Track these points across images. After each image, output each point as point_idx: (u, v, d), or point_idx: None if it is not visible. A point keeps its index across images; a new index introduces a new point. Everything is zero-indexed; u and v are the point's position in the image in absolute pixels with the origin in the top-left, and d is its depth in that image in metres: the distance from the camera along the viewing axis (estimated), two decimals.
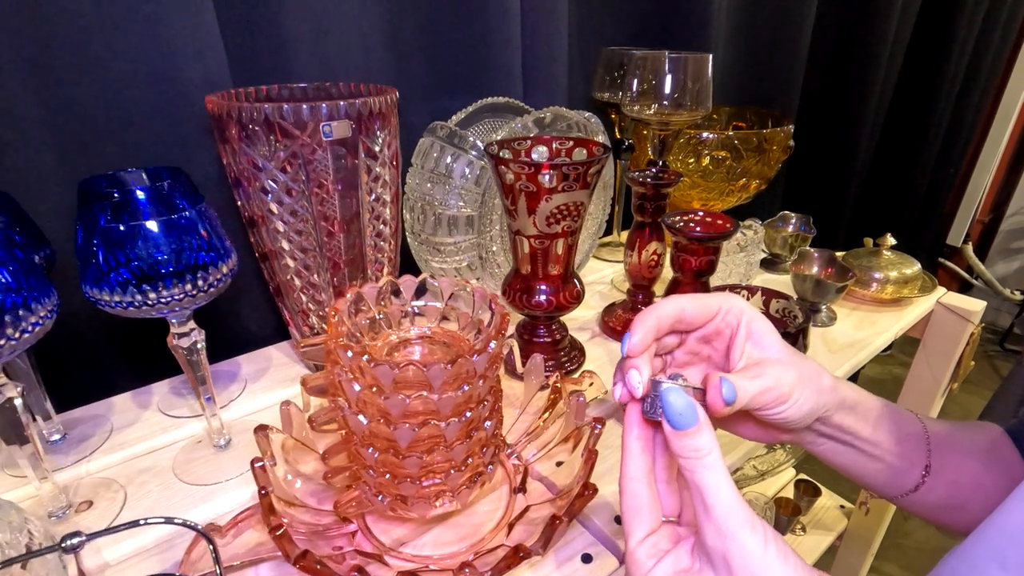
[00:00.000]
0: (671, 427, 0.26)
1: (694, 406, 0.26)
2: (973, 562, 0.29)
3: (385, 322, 0.43)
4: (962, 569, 0.30)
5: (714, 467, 0.25)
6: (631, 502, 0.28)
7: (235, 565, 0.37)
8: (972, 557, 0.30)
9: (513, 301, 0.56)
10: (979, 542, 0.30)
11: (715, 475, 0.24)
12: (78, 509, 0.43)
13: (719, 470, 0.25)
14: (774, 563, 0.23)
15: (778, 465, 1.04)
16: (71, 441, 0.50)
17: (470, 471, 0.38)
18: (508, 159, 0.47)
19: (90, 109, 0.50)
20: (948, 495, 0.38)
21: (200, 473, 0.47)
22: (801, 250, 0.72)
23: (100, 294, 0.37)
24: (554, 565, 0.39)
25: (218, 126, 0.46)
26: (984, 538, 0.29)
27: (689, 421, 0.25)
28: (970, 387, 1.98)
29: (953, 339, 0.74)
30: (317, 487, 0.43)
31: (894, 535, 1.45)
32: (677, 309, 0.32)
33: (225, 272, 0.41)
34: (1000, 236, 2.24)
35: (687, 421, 0.25)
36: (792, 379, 0.31)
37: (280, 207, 0.47)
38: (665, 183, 0.59)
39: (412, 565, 0.38)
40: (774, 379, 0.30)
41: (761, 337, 0.32)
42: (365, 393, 0.34)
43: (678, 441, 0.25)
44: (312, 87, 0.55)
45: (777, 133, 0.76)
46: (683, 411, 0.25)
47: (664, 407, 0.26)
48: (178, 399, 0.56)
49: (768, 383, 0.30)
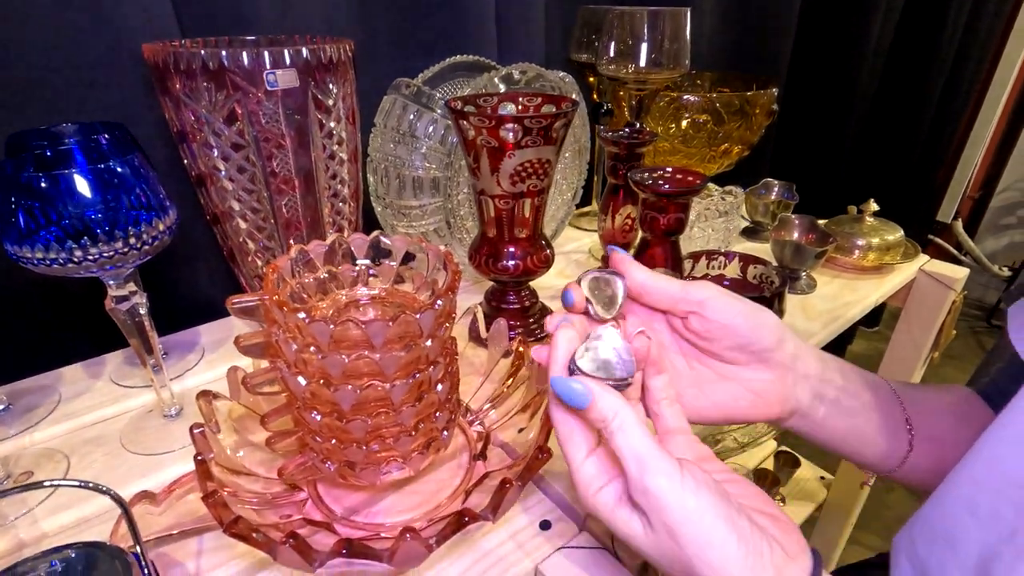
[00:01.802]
0: (576, 408, 0.27)
1: (582, 389, 0.27)
2: (945, 511, 0.29)
3: (336, 283, 0.40)
4: (935, 517, 0.29)
5: (621, 429, 0.26)
6: (562, 428, 0.29)
7: (174, 534, 0.35)
8: (944, 506, 0.29)
9: (480, 266, 0.54)
10: (950, 491, 0.29)
11: (623, 437, 0.25)
12: (16, 480, 0.41)
13: (626, 429, 0.25)
14: (692, 512, 0.24)
15: (759, 437, 1.03)
16: (15, 411, 0.48)
17: (422, 436, 0.37)
18: (468, 112, 0.45)
19: (23, 60, 0.47)
20: (935, 457, 0.38)
21: (148, 443, 0.45)
22: (782, 216, 0.70)
23: (22, 251, 0.35)
24: (511, 531, 0.38)
25: (158, 76, 0.43)
26: (955, 486, 0.29)
27: (582, 401, 0.27)
28: (956, 362, 1.99)
29: (935, 307, 0.73)
30: (268, 457, 0.41)
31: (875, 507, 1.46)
32: (637, 284, 0.33)
33: (162, 229, 0.39)
34: (990, 212, 2.23)
35: (580, 402, 0.27)
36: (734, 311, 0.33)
37: (226, 163, 0.45)
38: (639, 143, 0.57)
39: (362, 533, 0.36)
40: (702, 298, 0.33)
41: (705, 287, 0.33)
42: (303, 353, 0.32)
43: (587, 417, 0.27)
44: (264, 40, 0.52)
45: (760, 96, 0.74)
46: (573, 396, 0.27)
47: (561, 396, 0.27)
48: (132, 369, 0.54)
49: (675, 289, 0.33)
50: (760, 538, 0.24)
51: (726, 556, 0.23)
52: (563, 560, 0.36)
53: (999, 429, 0.27)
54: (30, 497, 0.40)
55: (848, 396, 0.36)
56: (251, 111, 0.43)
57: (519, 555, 0.36)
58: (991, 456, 0.27)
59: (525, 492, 0.41)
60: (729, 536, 0.23)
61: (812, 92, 1.26)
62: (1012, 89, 1.98)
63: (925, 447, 0.38)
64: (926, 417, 0.38)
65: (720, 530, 0.23)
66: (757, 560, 0.24)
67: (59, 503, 0.40)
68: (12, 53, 0.46)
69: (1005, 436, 0.27)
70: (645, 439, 0.25)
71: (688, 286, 0.33)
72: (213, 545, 0.37)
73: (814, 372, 0.35)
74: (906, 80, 1.44)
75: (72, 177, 0.35)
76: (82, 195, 0.36)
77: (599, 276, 0.32)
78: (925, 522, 0.30)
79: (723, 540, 0.23)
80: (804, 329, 0.61)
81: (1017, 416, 0.27)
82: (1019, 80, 1.98)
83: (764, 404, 0.34)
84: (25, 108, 0.48)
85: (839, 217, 0.75)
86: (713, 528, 0.23)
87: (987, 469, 0.27)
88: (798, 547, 0.25)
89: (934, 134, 1.63)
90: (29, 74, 0.47)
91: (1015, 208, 2.19)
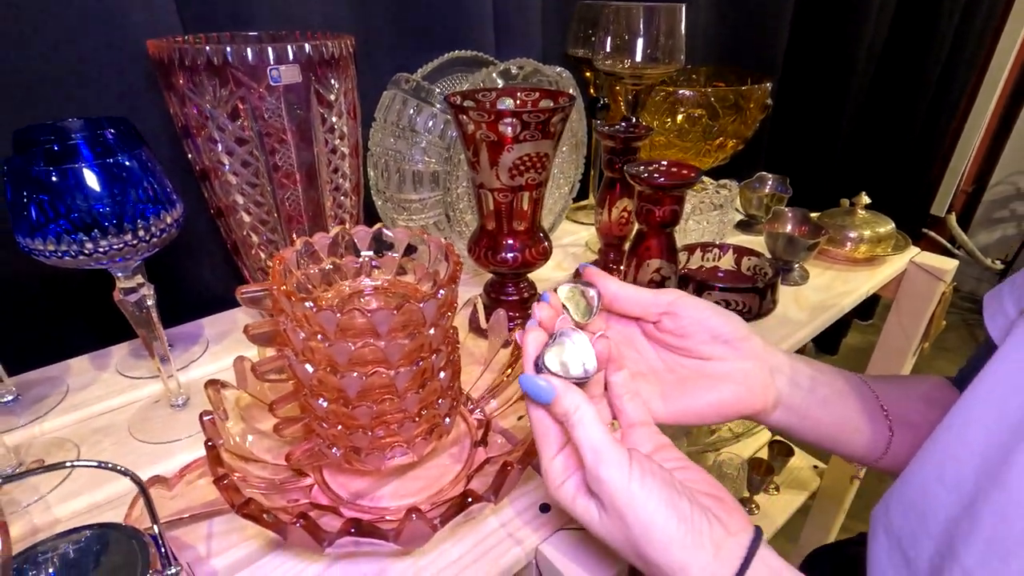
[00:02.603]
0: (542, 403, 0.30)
1: (547, 386, 0.29)
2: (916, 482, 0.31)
3: (339, 274, 0.41)
4: (908, 489, 0.31)
5: (580, 423, 0.28)
6: (539, 427, 0.31)
7: (184, 518, 0.37)
8: (916, 478, 0.31)
9: (479, 259, 0.55)
10: (923, 464, 0.31)
11: (582, 430, 0.28)
12: (29, 468, 0.42)
13: (584, 423, 0.28)
14: (637, 496, 0.26)
15: (754, 427, 1.05)
16: (24, 402, 0.49)
17: (425, 422, 0.38)
18: (468, 107, 0.45)
19: (28, 56, 0.47)
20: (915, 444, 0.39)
21: (156, 432, 0.46)
22: (775, 209, 0.72)
23: (34, 243, 0.36)
24: (513, 514, 0.39)
25: (162, 72, 0.44)
26: (928, 458, 0.30)
27: (547, 397, 0.29)
28: (949, 354, 2.02)
29: (925, 298, 0.74)
30: (275, 444, 0.42)
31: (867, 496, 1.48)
32: (611, 294, 0.35)
33: (169, 222, 0.40)
34: (983, 206, 2.25)
35: (545, 397, 0.29)
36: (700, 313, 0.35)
37: (231, 158, 0.46)
38: (635, 136, 0.58)
39: (368, 516, 0.38)
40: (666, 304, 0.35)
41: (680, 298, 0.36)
42: (310, 341, 0.33)
43: (552, 412, 0.30)
44: (266, 35, 0.53)
45: (755, 90, 0.75)
46: (539, 392, 0.29)
47: (527, 392, 0.30)
48: (138, 361, 0.55)
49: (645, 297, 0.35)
50: (700, 517, 0.27)
51: (667, 535, 0.26)
52: (562, 541, 0.37)
53: (969, 400, 0.29)
54: (42, 484, 0.41)
55: (821, 384, 0.39)
56: (254, 106, 0.44)
57: (520, 535, 0.37)
58: (958, 427, 0.29)
59: (525, 477, 0.42)
60: (670, 518, 0.26)
61: (806, 87, 1.27)
62: (1005, 84, 1.99)
63: (904, 433, 0.39)
64: (898, 403, 0.40)
65: (662, 512, 0.26)
66: (696, 537, 0.26)
67: (71, 489, 0.41)
68: (15, 50, 0.47)
69: (973, 406, 0.28)
70: (601, 433, 0.28)
71: (657, 293, 0.36)
72: (223, 528, 0.38)
73: (784, 363, 0.38)
74: (900, 75, 1.45)
75: (81, 171, 0.36)
76: (91, 188, 0.37)
77: (575, 287, 0.34)
78: (900, 495, 0.31)
79: (664, 521, 0.26)
80: (797, 319, 0.62)
81: (985, 387, 0.28)
82: (1012, 75, 1.99)
83: (750, 394, 0.36)
84: (29, 103, 0.49)
85: (831, 210, 0.76)
86: (656, 511, 0.26)
87: (955, 440, 0.28)
88: (739, 525, 0.28)
89: (928, 129, 1.65)
90: (32, 70, 0.48)
91: (1008, 202, 2.21)
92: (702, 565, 0.26)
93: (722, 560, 0.26)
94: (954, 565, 0.26)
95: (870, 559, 0.32)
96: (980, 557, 0.25)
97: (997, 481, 0.25)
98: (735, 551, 0.27)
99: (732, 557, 0.26)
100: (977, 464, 0.27)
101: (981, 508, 0.26)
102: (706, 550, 0.26)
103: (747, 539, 0.27)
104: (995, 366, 0.28)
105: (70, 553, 0.30)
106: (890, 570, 0.31)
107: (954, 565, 0.26)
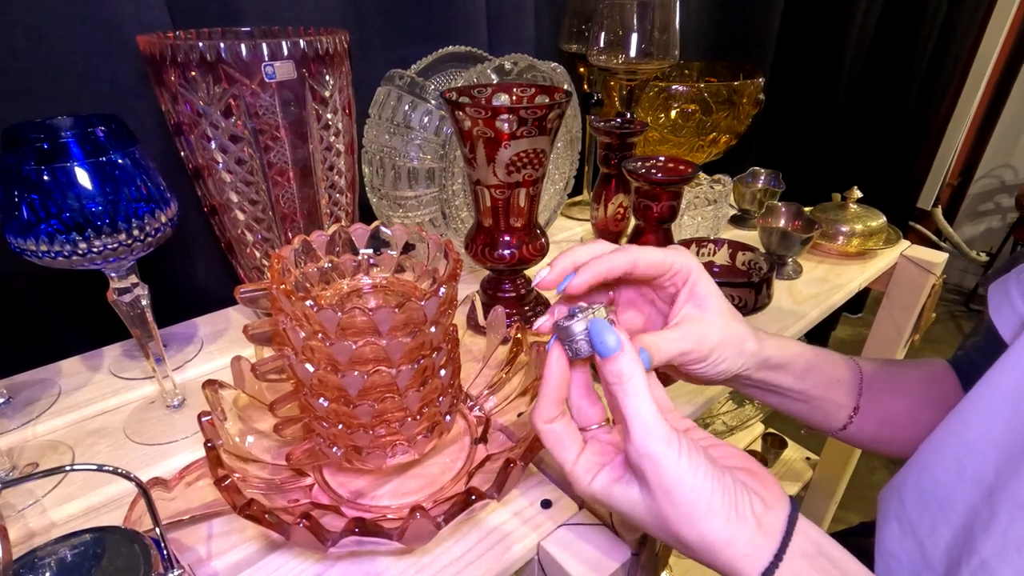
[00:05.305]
0: (598, 354, 0.28)
1: (618, 334, 0.27)
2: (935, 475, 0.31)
3: (337, 273, 0.41)
4: (925, 481, 0.31)
5: (634, 392, 0.27)
6: (550, 440, 0.30)
7: (184, 520, 0.36)
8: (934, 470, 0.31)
9: (476, 255, 0.55)
10: (941, 455, 0.31)
11: (634, 399, 0.27)
12: (23, 472, 0.42)
13: (638, 394, 0.27)
14: (685, 473, 0.26)
15: (747, 420, 1.06)
16: (16, 404, 0.48)
17: (426, 420, 0.38)
18: (464, 104, 0.45)
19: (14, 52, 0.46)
20: (877, 432, 0.41)
21: (152, 433, 0.45)
22: (769, 204, 0.72)
23: (25, 244, 0.35)
24: (514, 511, 0.39)
25: (154, 69, 0.43)
26: (947, 449, 0.31)
27: (610, 350, 0.27)
28: (936, 345, 2.05)
29: (916, 291, 0.75)
30: (273, 444, 0.42)
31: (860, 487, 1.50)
32: (630, 262, 0.32)
33: (164, 221, 0.39)
34: (968, 199, 2.28)
35: (608, 349, 0.27)
36: (715, 341, 0.33)
37: (225, 155, 0.45)
38: (631, 132, 0.58)
39: (369, 515, 0.38)
40: (695, 341, 0.32)
41: (704, 299, 0.33)
42: (311, 340, 0.33)
43: (604, 366, 0.28)
44: (258, 31, 0.52)
45: (747, 86, 0.75)
46: (605, 339, 0.27)
47: (592, 335, 0.28)
48: (131, 362, 0.54)
49: (687, 346, 0.32)
50: (742, 492, 0.27)
51: (712, 510, 0.26)
52: (565, 536, 0.37)
53: (984, 392, 0.29)
54: (38, 487, 0.40)
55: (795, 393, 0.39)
56: (248, 103, 0.43)
57: (522, 532, 0.37)
58: (976, 420, 0.29)
59: (526, 473, 0.42)
60: (715, 492, 0.26)
61: (797, 82, 1.27)
62: (989, 81, 2.02)
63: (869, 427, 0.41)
64: (882, 400, 0.41)
65: (707, 488, 0.26)
66: (740, 510, 0.26)
67: (67, 493, 0.40)
68: (2, 45, 0.46)
69: (992, 399, 0.29)
70: (652, 407, 0.27)
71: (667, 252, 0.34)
72: (223, 530, 0.37)
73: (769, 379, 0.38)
74: (888, 71, 1.47)
75: (73, 170, 0.35)
76: (83, 187, 0.36)
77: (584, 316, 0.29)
78: (916, 485, 0.31)
79: (710, 495, 0.26)
80: (791, 312, 0.63)
81: (1000, 379, 0.29)
82: (995, 72, 2.02)
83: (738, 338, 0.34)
84: (17, 100, 0.48)
85: (824, 204, 0.77)
86: (703, 486, 0.26)
87: (975, 433, 0.29)
88: (775, 496, 0.28)
89: (916, 123, 1.66)
90: (20, 66, 0.47)
91: (992, 195, 2.25)
92: (746, 539, 0.26)
93: (764, 532, 0.26)
94: (972, 555, 0.27)
95: (879, 546, 0.33)
96: (997, 548, 0.26)
97: (1016, 473, 0.26)
98: (775, 524, 0.27)
99: (773, 530, 0.26)
100: (996, 456, 0.27)
101: (999, 499, 0.26)
102: (749, 523, 0.26)
103: (784, 512, 0.27)
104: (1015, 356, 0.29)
105: (69, 557, 0.30)
106: (903, 557, 0.31)
107: (972, 555, 0.27)
